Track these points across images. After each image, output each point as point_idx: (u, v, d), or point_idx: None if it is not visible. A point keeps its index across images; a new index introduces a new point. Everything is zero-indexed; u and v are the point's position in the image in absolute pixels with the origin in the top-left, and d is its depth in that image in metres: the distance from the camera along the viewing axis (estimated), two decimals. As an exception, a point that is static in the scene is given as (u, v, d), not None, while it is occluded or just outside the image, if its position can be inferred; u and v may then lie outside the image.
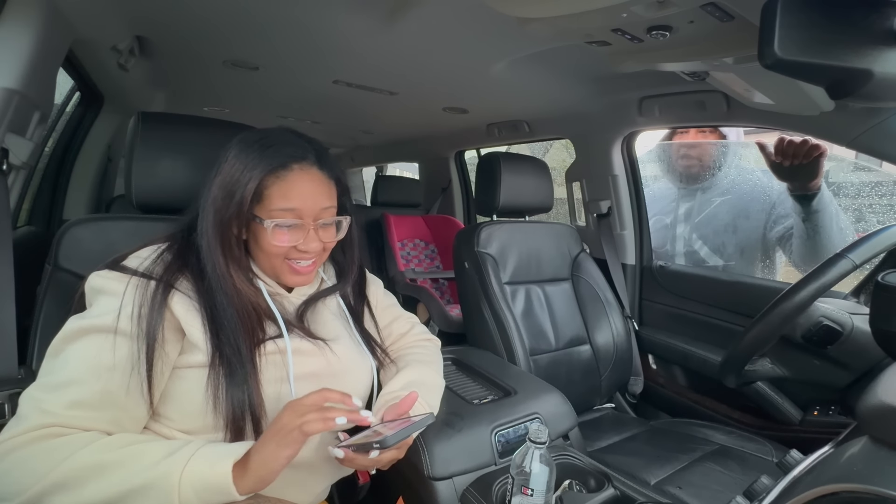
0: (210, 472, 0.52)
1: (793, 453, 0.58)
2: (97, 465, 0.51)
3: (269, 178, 0.64)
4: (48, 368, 0.57)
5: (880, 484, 0.39)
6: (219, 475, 0.52)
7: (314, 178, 0.67)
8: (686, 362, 1.43)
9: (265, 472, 0.54)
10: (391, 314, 0.90)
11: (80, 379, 0.55)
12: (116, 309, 0.58)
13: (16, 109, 0.78)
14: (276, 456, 0.54)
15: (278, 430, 0.55)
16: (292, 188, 0.65)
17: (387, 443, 0.58)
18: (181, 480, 0.51)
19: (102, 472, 0.51)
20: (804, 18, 0.49)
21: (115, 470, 0.51)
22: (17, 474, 0.51)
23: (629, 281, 1.64)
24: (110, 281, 0.60)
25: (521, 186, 1.47)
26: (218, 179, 0.65)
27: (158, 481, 0.51)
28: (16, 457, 0.51)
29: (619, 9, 0.73)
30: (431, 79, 1.43)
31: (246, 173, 0.64)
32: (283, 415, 0.57)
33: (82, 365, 0.56)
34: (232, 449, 0.55)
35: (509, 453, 0.76)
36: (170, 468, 0.51)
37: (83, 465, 0.51)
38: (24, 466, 0.51)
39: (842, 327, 0.97)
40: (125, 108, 1.75)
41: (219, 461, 0.52)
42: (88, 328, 0.57)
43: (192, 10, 1.02)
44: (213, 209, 0.64)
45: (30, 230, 1.60)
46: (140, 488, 0.50)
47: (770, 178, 1.39)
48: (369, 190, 2.99)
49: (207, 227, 0.64)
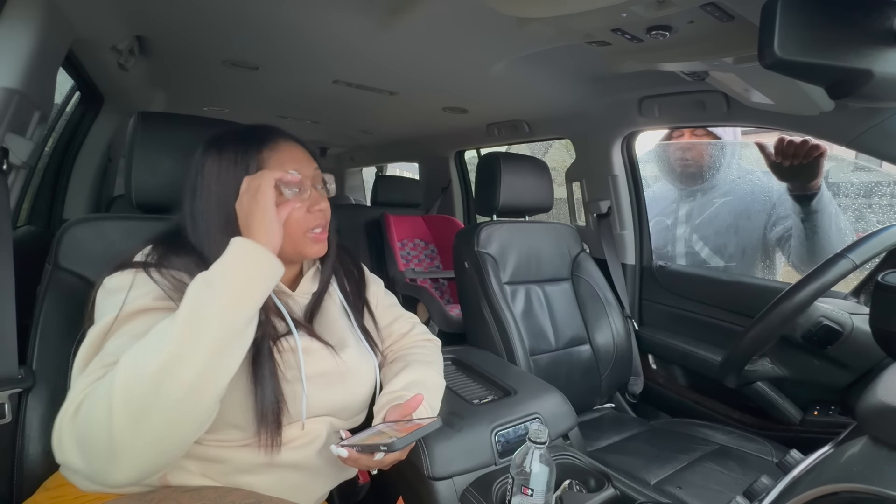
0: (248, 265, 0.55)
1: (793, 453, 0.58)
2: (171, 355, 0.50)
3: (265, 152, 0.67)
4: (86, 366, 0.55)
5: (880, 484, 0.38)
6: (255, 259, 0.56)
7: (297, 146, 0.71)
8: (686, 362, 1.43)
9: (270, 232, 0.58)
10: (392, 314, 0.90)
11: (123, 346, 0.53)
12: (137, 295, 0.58)
13: (16, 109, 0.78)
14: (264, 216, 0.58)
15: (247, 213, 0.59)
16: (286, 156, 0.68)
17: (395, 447, 0.58)
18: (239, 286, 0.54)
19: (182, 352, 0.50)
20: (804, 18, 0.49)
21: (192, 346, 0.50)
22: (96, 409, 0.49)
23: (629, 281, 1.64)
24: (122, 278, 0.61)
25: (520, 186, 1.47)
26: (209, 178, 0.65)
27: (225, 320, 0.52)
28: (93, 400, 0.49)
29: (619, 9, 0.73)
30: (431, 79, 1.43)
31: (241, 158, 0.66)
32: (241, 200, 0.61)
33: (122, 339, 0.54)
34: (231, 254, 0.56)
35: (509, 453, 0.76)
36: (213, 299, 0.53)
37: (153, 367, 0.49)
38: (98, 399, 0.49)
39: (842, 327, 0.97)
40: (125, 107, 1.75)
41: (242, 256, 0.56)
42: (124, 318, 0.56)
43: (191, 9, 1.02)
44: (215, 208, 0.64)
45: (30, 230, 1.60)
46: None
47: (770, 179, 1.39)
48: (369, 190, 2.99)
49: (211, 228, 0.64)
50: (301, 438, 0.66)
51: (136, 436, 0.48)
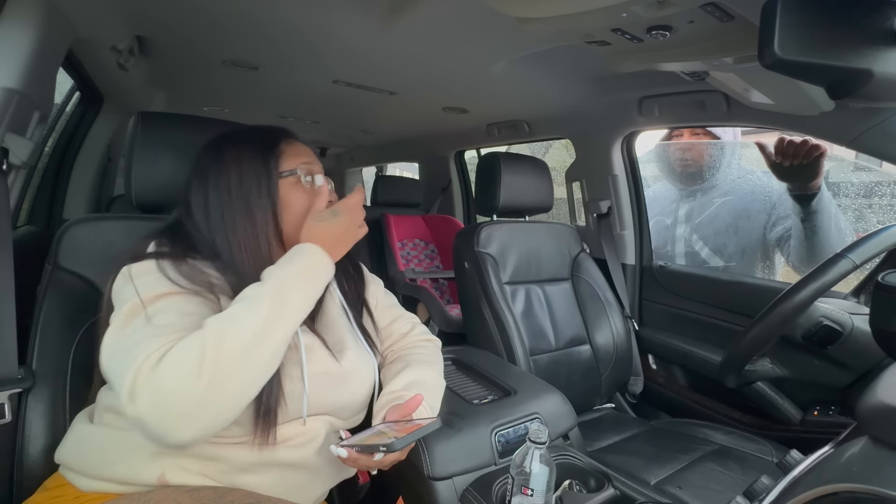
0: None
1: (793, 453, 0.58)
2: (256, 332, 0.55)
3: (282, 145, 0.73)
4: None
5: (880, 484, 0.38)
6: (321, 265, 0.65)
7: (306, 146, 0.77)
8: (686, 362, 1.43)
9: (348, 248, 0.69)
10: (392, 314, 0.90)
11: (166, 319, 0.56)
12: (162, 279, 0.60)
13: (16, 109, 0.78)
14: (354, 238, 0.69)
15: (343, 233, 0.67)
16: (301, 149, 0.75)
17: (394, 447, 0.58)
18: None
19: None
20: (804, 18, 0.49)
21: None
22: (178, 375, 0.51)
23: (629, 281, 1.64)
24: (145, 265, 0.62)
25: (521, 186, 1.47)
26: (228, 167, 0.69)
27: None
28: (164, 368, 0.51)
29: (619, 9, 0.73)
30: (431, 79, 1.43)
31: (261, 149, 0.71)
32: (342, 220, 0.67)
33: (162, 312, 0.57)
34: (304, 260, 0.64)
35: (509, 453, 0.76)
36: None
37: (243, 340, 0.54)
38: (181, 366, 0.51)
39: (842, 327, 0.97)
40: (125, 107, 1.75)
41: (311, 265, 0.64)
42: (163, 295, 0.58)
43: (191, 9, 1.02)
44: (235, 195, 0.67)
45: (30, 230, 1.60)
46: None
47: (770, 179, 1.39)
48: (369, 190, 2.99)
49: (228, 214, 0.67)
50: (300, 437, 0.66)
51: (220, 392, 0.52)
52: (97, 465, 0.61)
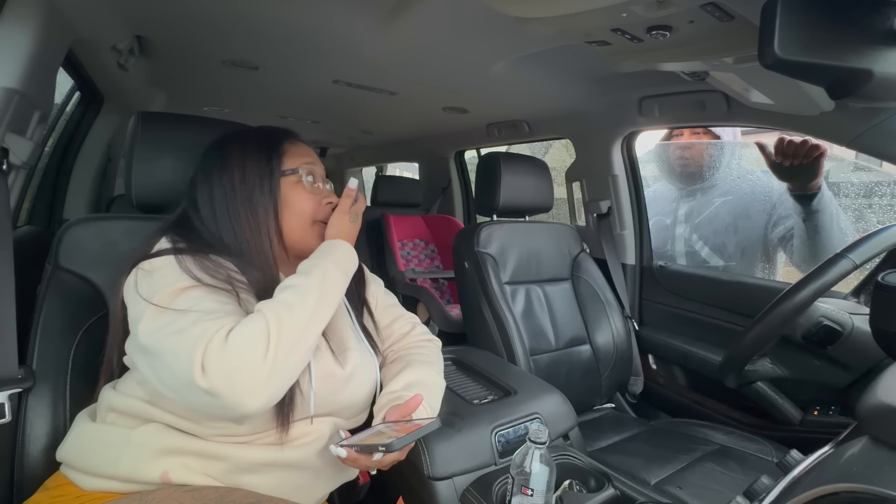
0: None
1: (793, 453, 0.58)
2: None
3: (286, 144, 0.75)
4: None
5: (880, 484, 0.38)
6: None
7: (309, 147, 0.79)
8: (686, 362, 1.43)
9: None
10: (392, 314, 0.90)
11: (209, 306, 0.58)
12: (183, 274, 0.61)
13: (16, 109, 0.78)
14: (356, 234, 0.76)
15: (351, 233, 0.74)
16: (303, 149, 0.77)
17: (393, 447, 0.58)
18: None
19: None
20: (804, 18, 0.49)
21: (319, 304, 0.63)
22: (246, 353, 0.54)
23: (629, 281, 1.64)
24: (159, 261, 0.63)
25: (521, 186, 1.47)
26: (233, 164, 0.70)
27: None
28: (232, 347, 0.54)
29: (619, 9, 0.73)
30: (431, 79, 1.43)
31: (265, 147, 0.73)
32: (359, 222, 0.76)
33: (199, 302, 0.59)
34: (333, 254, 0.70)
35: (509, 453, 0.76)
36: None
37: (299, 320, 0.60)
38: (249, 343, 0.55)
39: (842, 327, 0.97)
40: (125, 107, 1.75)
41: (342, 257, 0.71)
42: (174, 292, 0.59)
43: (191, 9, 1.02)
44: (239, 191, 0.69)
45: (30, 230, 1.59)
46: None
47: (771, 179, 1.39)
48: (369, 190, 2.99)
49: (233, 208, 0.69)
50: (306, 437, 0.66)
51: (283, 368, 0.57)
52: (99, 464, 0.61)
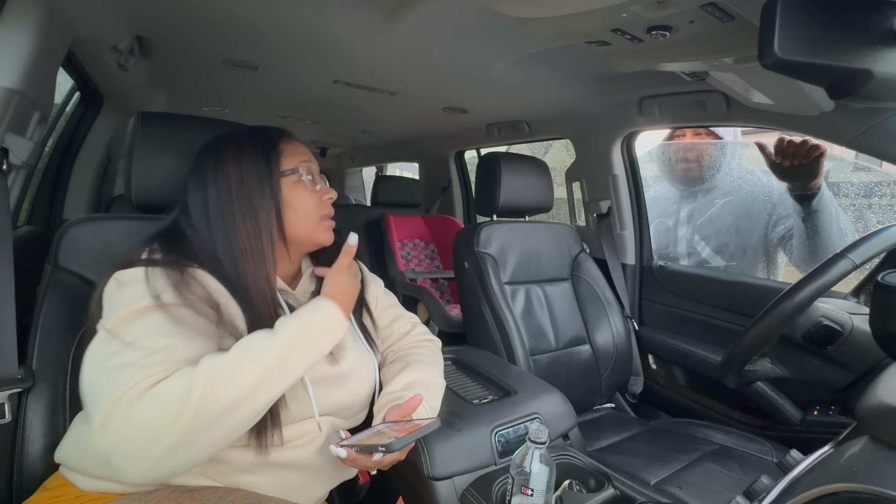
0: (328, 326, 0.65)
1: (793, 453, 0.58)
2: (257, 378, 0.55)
3: (282, 144, 0.74)
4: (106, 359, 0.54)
5: (880, 484, 0.39)
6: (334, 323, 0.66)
7: (304, 145, 0.78)
8: (686, 362, 1.43)
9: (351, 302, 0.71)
10: (392, 314, 0.90)
11: (154, 343, 0.54)
12: (146, 291, 0.58)
13: (16, 109, 0.78)
14: (355, 293, 0.73)
15: (349, 291, 0.70)
16: (300, 148, 0.76)
17: (393, 447, 0.58)
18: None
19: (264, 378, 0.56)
20: (804, 18, 0.49)
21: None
22: (154, 418, 0.49)
23: (629, 281, 1.64)
24: (135, 272, 0.60)
25: (521, 186, 1.47)
26: (229, 166, 0.68)
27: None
28: (144, 405, 0.49)
29: (619, 9, 0.73)
30: (431, 79, 1.43)
31: (262, 147, 0.71)
32: (342, 278, 0.70)
33: (149, 334, 0.54)
34: (317, 313, 0.65)
35: (509, 453, 0.76)
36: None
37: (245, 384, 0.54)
38: (159, 409, 0.49)
39: (842, 327, 0.97)
40: (125, 108, 1.75)
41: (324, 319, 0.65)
42: (131, 315, 0.55)
43: (191, 9, 1.02)
44: (235, 193, 0.67)
45: (30, 230, 1.59)
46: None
47: (770, 179, 1.39)
48: (369, 190, 2.99)
49: (228, 212, 0.66)
50: (302, 437, 0.66)
51: (191, 444, 0.51)
52: (98, 465, 0.60)
